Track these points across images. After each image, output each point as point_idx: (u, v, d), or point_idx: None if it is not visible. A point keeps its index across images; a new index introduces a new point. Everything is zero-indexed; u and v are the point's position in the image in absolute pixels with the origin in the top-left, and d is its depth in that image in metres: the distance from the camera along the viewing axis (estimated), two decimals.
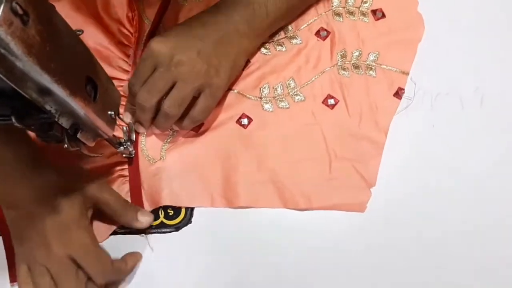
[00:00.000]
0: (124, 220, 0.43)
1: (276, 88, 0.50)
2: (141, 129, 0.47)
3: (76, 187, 0.41)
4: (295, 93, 0.49)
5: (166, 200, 0.45)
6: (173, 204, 0.45)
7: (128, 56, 0.50)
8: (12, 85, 0.25)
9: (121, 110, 0.47)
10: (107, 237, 0.44)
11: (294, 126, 0.48)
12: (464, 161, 0.47)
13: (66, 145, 0.33)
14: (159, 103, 0.43)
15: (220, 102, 0.48)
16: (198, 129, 0.48)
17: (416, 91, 0.49)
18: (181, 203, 0.45)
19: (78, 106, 0.31)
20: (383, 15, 0.52)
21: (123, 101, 0.48)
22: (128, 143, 0.45)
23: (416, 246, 0.44)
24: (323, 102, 0.49)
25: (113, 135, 0.41)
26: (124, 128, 0.46)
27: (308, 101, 0.49)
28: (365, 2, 0.53)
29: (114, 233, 0.45)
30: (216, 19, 0.46)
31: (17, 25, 0.23)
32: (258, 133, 0.48)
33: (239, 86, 0.50)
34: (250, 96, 0.49)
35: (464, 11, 0.54)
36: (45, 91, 0.27)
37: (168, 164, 0.47)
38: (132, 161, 0.47)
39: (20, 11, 0.23)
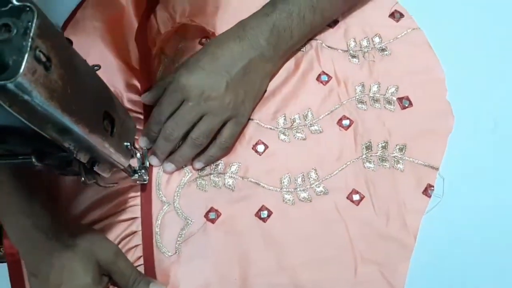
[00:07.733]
0: None
1: (296, 179, 0.47)
2: (155, 161, 0.47)
3: (91, 252, 0.40)
4: (317, 185, 0.47)
5: None
6: None
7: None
8: (34, 127, 0.25)
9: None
10: None
11: (317, 221, 0.45)
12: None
13: (83, 178, 0.34)
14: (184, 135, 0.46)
15: (239, 195, 0.47)
16: (215, 220, 0.46)
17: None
18: None
19: (96, 142, 0.31)
20: (410, 104, 0.50)
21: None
22: (143, 171, 0.45)
23: None
24: (347, 197, 0.46)
25: (129, 165, 0.41)
26: (138, 154, 0.45)
27: (332, 195, 0.46)
28: (391, 89, 0.51)
29: None
30: (241, 46, 0.47)
31: (40, 72, 0.24)
32: (278, 227, 0.45)
33: (259, 177, 0.47)
34: (269, 187, 0.47)
35: (476, 36, 0.52)
36: (65, 131, 0.28)
37: (183, 259, 0.44)
38: (145, 187, 0.46)
39: (43, 58, 0.24)
